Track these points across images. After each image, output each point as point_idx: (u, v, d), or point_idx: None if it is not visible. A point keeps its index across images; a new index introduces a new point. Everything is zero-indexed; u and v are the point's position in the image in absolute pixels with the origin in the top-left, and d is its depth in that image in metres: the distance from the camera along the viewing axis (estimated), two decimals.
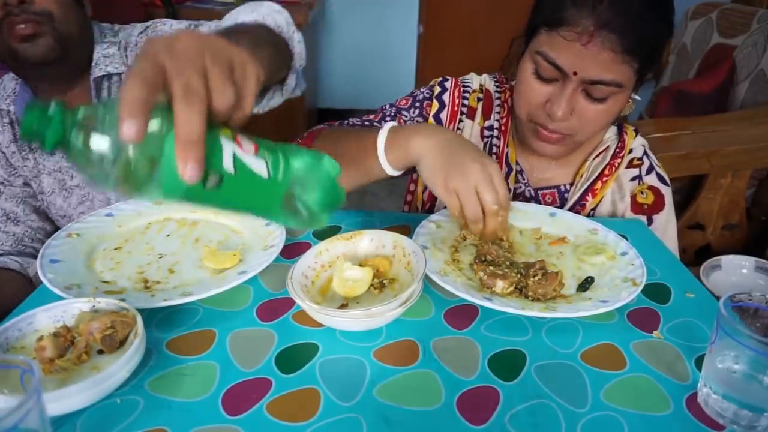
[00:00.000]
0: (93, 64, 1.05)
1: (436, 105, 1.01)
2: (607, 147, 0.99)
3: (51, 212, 1.16)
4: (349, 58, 3.53)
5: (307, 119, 2.93)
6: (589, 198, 0.98)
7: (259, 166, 0.44)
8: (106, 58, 1.06)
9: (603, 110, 0.84)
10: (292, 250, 0.80)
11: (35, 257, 1.08)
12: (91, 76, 1.05)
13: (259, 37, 0.70)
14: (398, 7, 3.40)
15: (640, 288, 0.70)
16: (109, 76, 1.07)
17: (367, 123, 1.00)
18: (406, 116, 1.01)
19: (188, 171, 0.40)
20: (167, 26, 1.08)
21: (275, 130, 2.66)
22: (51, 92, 1.05)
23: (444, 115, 1.01)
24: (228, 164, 0.43)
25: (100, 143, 0.40)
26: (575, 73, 0.80)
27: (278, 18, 0.81)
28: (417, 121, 1.01)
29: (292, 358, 0.61)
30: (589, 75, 0.79)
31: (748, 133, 1.69)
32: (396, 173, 0.81)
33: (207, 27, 1.03)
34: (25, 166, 1.11)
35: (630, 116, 0.96)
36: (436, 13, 3.45)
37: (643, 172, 0.99)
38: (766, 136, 1.66)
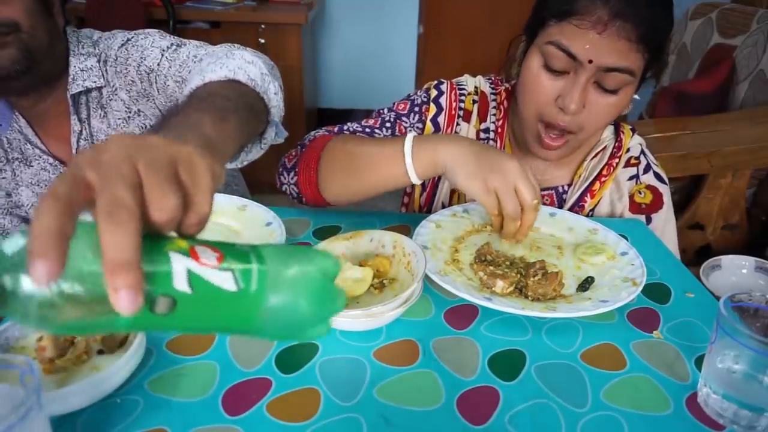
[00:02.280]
0: (70, 79, 0.98)
1: (433, 108, 1.01)
2: (605, 147, 0.99)
3: None
4: (349, 58, 3.52)
5: (307, 119, 2.93)
6: (588, 199, 0.98)
7: (223, 279, 0.36)
8: (83, 72, 0.99)
9: (613, 103, 0.84)
10: None
11: None
12: (68, 92, 0.98)
13: (227, 101, 0.62)
14: (398, 7, 3.40)
15: (640, 288, 0.70)
16: (88, 91, 1.00)
17: (368, 129, 0.99)
18: (406, 122, 1.00)
19: (121, 301, 0.33)
20: (149, 40, 0.98)
21: None
22: (23, 106, 0.99)
23: (441, 119, 1.00)
24: (181, 284, 0.35)
25: (18, 284, 0.32)
26: (590, 62, 0.79)
27: (251, 70, 0.72)
28: (417, 127, 1.00)
29: (292, 358, 0.61)
30: (605, 62, 0.79)
31: (748, 133, 1.69)
32: (419, 182, 0.81)
33: (189, 47, 0.96)
34: (3, 178, 1.05)
35: (630, 116, 0.96)
36: (436, 13, 3.45)
37: (641, 171, 0.99)
38: (766, 136, 1.66)
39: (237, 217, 0.87)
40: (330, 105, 3.61)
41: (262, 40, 2.67)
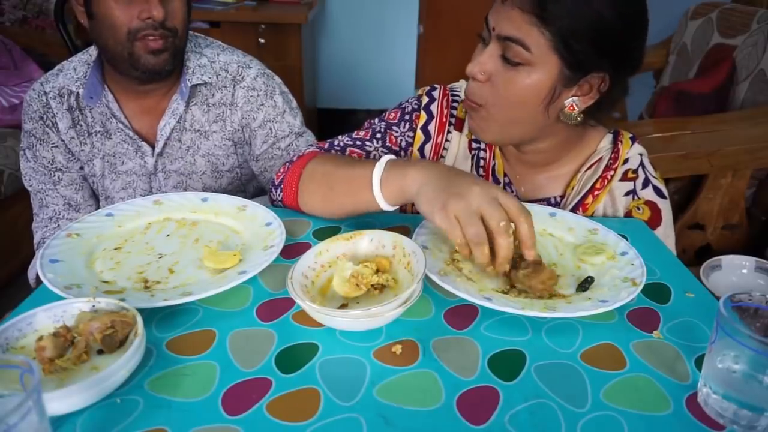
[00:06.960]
0: (190, 71, 1.12)
1: (424, 116, 1.00)
2: (601, 158, 0.95)
3: (98, 193, 1.21)
4: (350, 58, 3.52)
5: (306, 119, 2.93)
6: (580, 212, 0.95)
7: None
8: (201, 68, 1.13)
9: (514, 79, 0.81)
10: (292, 250, 0.80)
11: None
12: (186, 81, 1.11)
13: None
14: (398, 7, 3.40)
15: (640, 288, 0.70)
16: (203, 84, 1.14)
17: (358, 142, 0.98)
18: (396, 132, 0.99)
19: None
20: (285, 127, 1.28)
21: None
22: (130, 86, 1.10)
23: (432, 127, 0.99)
24: None
25: None
26: (493, 29, 0.83)
27: None
28: (408, 136, 1.00)
29: (292, 358, 0.61)
30: (501, 30, 0.81)
31: (748, 133, 1.69)
32: (390, 209, 0.79)
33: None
34: (82, 150, 1.15)
35: (630, 116, 0.96)
36: (436, 13, 3.45)
37: (639, 186, 0.95)
38: (766, 136, 1.66)
39: (237, 217, 0.87)
40: (330, 105, 3.61)
41: (262, 40, 2.68)
